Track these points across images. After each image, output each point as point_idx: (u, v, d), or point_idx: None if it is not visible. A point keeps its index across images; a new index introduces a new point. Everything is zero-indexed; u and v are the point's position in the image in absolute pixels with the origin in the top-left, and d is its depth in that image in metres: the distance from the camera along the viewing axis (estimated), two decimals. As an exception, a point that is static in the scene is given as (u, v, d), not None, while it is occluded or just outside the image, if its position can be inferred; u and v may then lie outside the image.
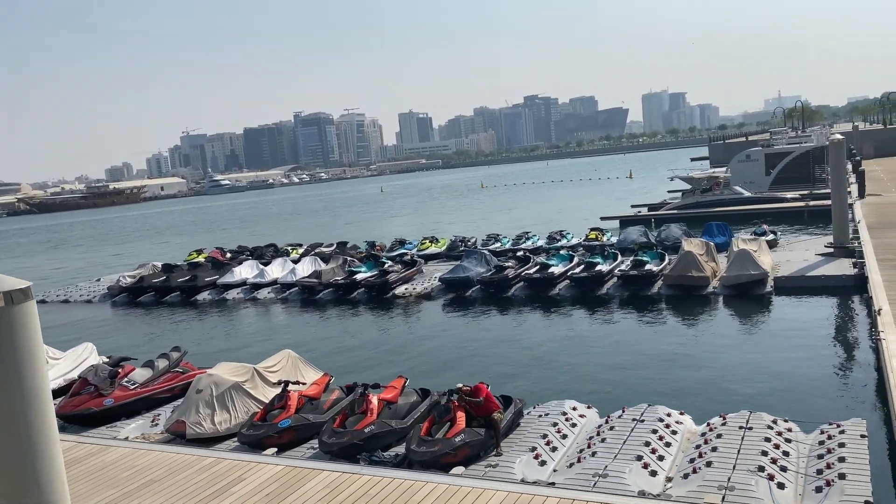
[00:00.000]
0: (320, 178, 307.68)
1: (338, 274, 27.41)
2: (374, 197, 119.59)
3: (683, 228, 28.41)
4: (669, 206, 41.67)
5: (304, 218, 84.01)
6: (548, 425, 11.10)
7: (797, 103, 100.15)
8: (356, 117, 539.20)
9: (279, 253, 35.74)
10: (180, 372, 14.87)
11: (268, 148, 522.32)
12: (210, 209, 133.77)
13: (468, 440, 10.00)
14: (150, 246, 63.32)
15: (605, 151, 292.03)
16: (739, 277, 20.13)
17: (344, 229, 59.84)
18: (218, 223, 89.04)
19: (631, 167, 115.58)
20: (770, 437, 9.81)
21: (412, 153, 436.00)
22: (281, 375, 13.22)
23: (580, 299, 21.94)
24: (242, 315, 25.48)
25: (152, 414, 13.69)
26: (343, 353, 18.81)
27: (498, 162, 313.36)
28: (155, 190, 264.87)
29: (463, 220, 58.08)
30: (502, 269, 24.04)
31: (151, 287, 29.72)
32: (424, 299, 24.54)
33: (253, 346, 20.43)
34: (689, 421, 11.16)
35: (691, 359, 15.56)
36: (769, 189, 45.17)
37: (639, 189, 71.57)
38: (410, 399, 11.89)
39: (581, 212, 53.90)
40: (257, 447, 10.99)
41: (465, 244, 32.51)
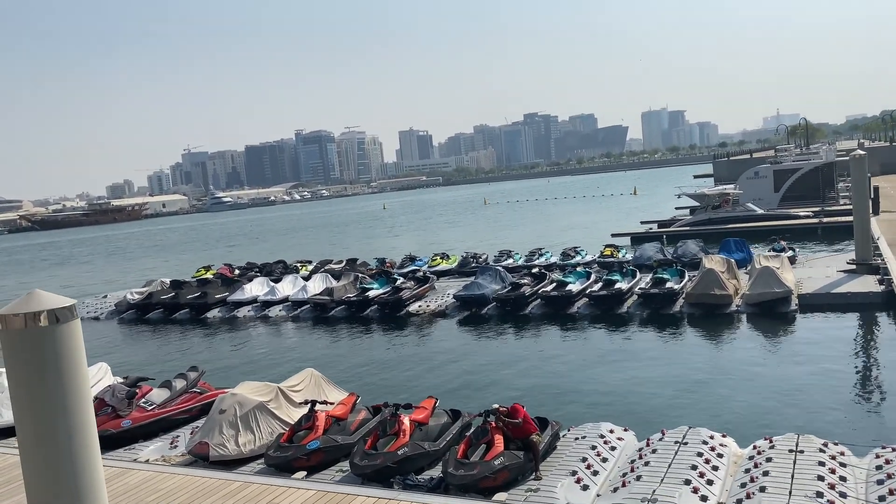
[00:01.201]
0: (321, 196, 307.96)
1: (350, 291, 27.05)
2: (376, 214, 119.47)
3: (700, 245, 28.06)
4: (681, 223, 41.36)
5: (308, 235, 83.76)
6: (586, 448, 10.70)
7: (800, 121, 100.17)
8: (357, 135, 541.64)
9: (289, 270, 35.39)
10: (198, 392, 14.46)
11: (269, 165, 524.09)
12: (213, 226, 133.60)
13: (507, 463, 9.60)
14: (155, 262, 62.97)
15: (605, 169, 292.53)
16: (764, 295, 19.77)
17: (350, 246, 59.56)
18: (222, 240, 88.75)
19: (633, 184, 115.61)
20: (824, 461, 9.41)
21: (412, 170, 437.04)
22: (305, 395, 12.82)
23: (600, 318, 21.57)
24: (254, 333, 25.08)
25: (171, 436, 13.28)
26: (360, 372, 18.42)
27: (498, 179, 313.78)
28: (157, 207, 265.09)
29: (470, 237, 57.82)
30: (518, 286, 23.68)
31: (160, 304, 29.34)
32: (439, 317, 24.16)
33: (269, 364, 20.04)
34: (733, 443, 10.75)
35: (722, 379, 15.18)
36: (778, 206, 44.89)
37: (644, 205, 71.37)
38: (441, 420, 11.49)
39: (589, 228, 53.67)
40: (285, 470, 10.58)
41: (476, 260, 32.18)
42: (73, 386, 4.83)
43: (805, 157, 53.29)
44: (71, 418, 4.82)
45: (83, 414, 4.92)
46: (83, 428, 4.93)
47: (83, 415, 4.92)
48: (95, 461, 5.07)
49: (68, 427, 4.81)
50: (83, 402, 4.94)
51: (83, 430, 4.93)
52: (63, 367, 4.77)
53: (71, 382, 4.82)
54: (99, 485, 5.09)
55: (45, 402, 4.74)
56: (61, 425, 4.78)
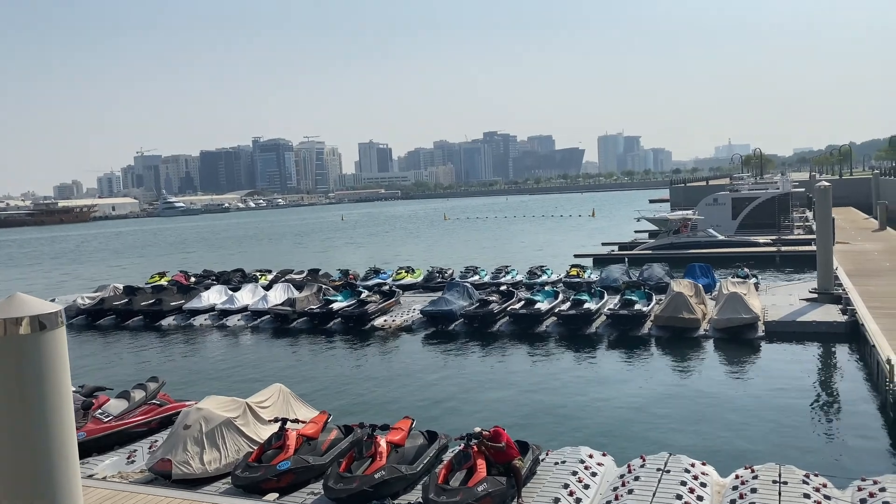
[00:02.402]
0: (277, 204, 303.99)
1: (312, 302, 26.43)
2: (335, 225, 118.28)
3: (666, 268, 28.29)
4: (644, 246, 41.78)
5: (265, 243, 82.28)
6: (567, 474, 10.43)
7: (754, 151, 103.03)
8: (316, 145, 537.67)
9: (247, 279, 34.52)
10: (158, 404, 13.77)
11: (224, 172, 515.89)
12: (166, 231, 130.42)
13: (490, 490, 9.25)
14: (105, 267, 60.94)
15: (562, 189, 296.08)
16: (732, 321, 19.90)
17: (310, 256, 58.63)
18: (176, 246, 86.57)
19: (591, 206, 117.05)
20: (808, 493, 9.31)
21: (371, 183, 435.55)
22: (273, 411, 12.29)
23: (568, 337, 21.43)
24: (212, 343, 24.24)
25: (127, 450, 12.58)
26: (326, 387, 17.86)
27: (457, 195, 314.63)
28: (106, 210, 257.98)
29: (432, 251, 57.50)
30: (486, 303, 23.43)
31: (113, 310, 28.24)
32: (404, 332, 23.73)
33: (230, 377, 19.33)
34: (714, 472, 10.61)
35: (693, 404, 15.11)
36: (735, 233, 45.77)
37: (603, 228, 72.15)
38: (418, 442, 11.09)
39: (551, 247, 53.89)
40: (254, 491, 10.05)
41: (442, 275, 31.87)
42: (55, 401, 4.37)
43: (762, 187, 54.61)
44: (52, 439, 4.36)
45: (65, 433, 4.46)
46: (64, 448, 4.48)
47: (65, 434, 4.45)
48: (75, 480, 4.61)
49: (48, 447, 4.34)
50: (65, 420, 4.48)
51: (64, 450, 4.48)
52: (46, 380, 4.31)
53: (53, 397, 4.36)
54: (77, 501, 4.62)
55: (24, 419, 4.26)
56: (41, 445, 4.32)
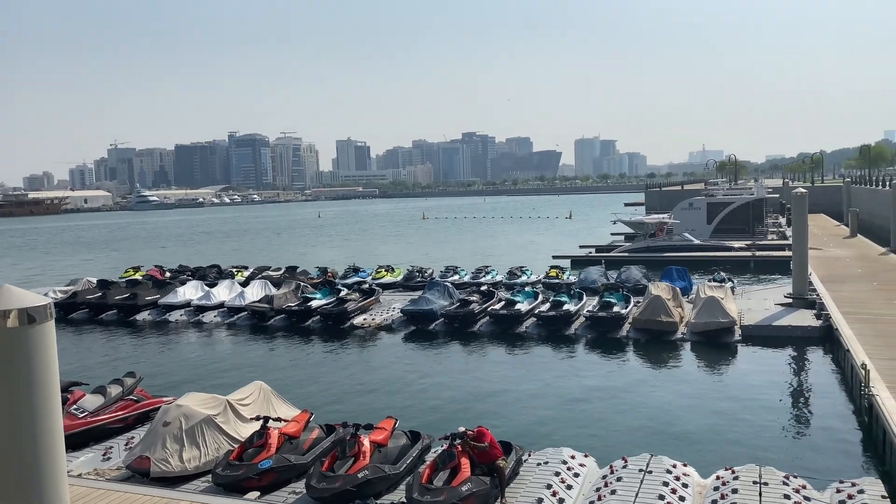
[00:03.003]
0: (253, 200, 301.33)
1: (291, 300, 26.22)
2: (311, 222, 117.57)
3: (644, 271, 28.51)
4: (621, 249, 42.09)
5: (241, 239, 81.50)
6: (549, 474, 10.45)
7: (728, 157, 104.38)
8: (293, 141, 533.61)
9: (224, 275, 34.14)
10: (135, 400, 13.56)
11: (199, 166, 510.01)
12: (140, 225, 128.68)
13: (475, 489, 9.23)
14: (77, 260, 59.96)
15: (539, 191, 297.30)
16: (709, 324, 20.11)
17: (287, 253, 58.20)
18: (150, 240, 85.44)
19: (568, 208, 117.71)
20: (789, 494, 9.42)
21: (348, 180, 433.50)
22: (254, 409, 12.15)
23: (547, 338, 21.50)
24: (188, 339, 23.94)
25: (103, 446, 12.37)
26: (305, 386, 17.71)
27: (435, 195, 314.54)
28: (78, 202, 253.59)
29: (410, 250, 57.38)
30: (467, 303, 23.42)
31: (86, 303, 27.77)
32: (384, 330, 23.63)
33: (207, 373, 19.10)
34: (695, 473, 10.69)
35: (671, 405, 15.24)
36: (710, 237, 46.30)
37: (580, 230, 72.56)
38: (401, 441, 11.03)
39: (529, 248, 54.06)
40: (235, 490, 9.92)
41: (422, 274, 31.81)
42: (43, 396, 4.25)
43: (736, 192, 55.33)
44: (40, 434, 4.23)
45: (52, 429, 4.33)
46: (51, 444, 4.36)
47: (52, 430, 4.33)
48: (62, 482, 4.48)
49: (36, 442, 4.22)
50: (53, 415, 4.35)
51: (51, 446, 4.35)
52: (34, 374, 4.18)
53: (42, 392, 4.24)
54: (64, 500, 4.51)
55: (10, 416, 4.13)
56: (28, 440, 4.20)
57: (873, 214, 52.26)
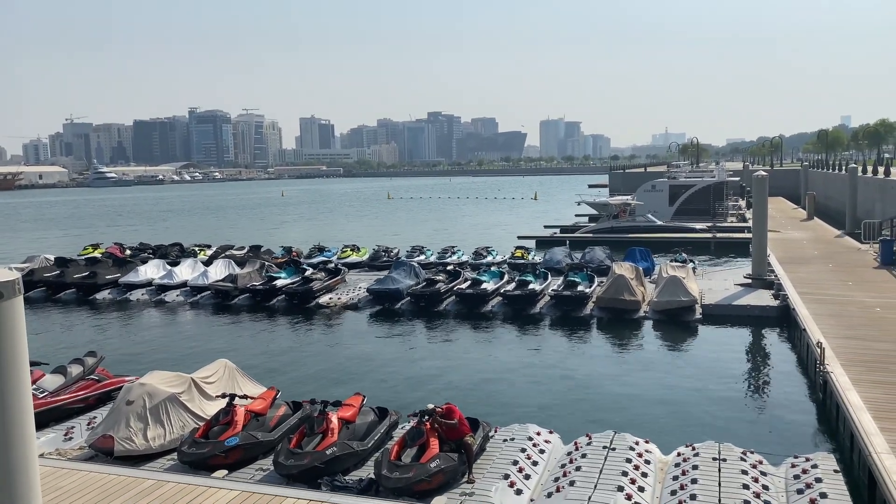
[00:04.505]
0: (214, 178, 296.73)
1: (255, 279, 25.97)
2: (274, 200, 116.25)
3: (607, 251, 28.86)
4: (585, 230, 42.53)
5: (202, 217, 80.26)
6: (516, 451, 10.59)
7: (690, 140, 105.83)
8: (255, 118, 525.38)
9: (186, 253, 33.63)
10: (96, 380, 13.35)
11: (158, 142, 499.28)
12: (97, 202, 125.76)
13: (443, 466, 9.32)
14: (33, 237, 58.43)
15: (504, 172, 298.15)
16: (671, 303, 20.49)
17: (251, 232, 57.51)
18: (107, 218, 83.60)
19: (533, 189, 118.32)
20: (746, 469, 9.71)
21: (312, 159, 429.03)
22: (219, 387, 12.06)
23: (512, 317, 21.70)
24: (150, 318, 23.58)
25: (64, 426, 12.17)
26: (268, 365, 17.60)
27: (400, 174, 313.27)
28: (32, 178, 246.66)
29: (375, 230, 57.14)
30: (433, 282, 23.47)
31: (43, 281, 27.15)
32: (350, 310, 23.58)
33: (170, 352, 18.86)
34: (657, 450, 10.94)
35: (631, 382, 15.54)
36: (671, 219, 47.01)
37: (544, 211, 73.06)
38: (368, 418, 11.06)
39: (494, 229, 54.27)
40: (201, 468, 9.85)
41: (388, 254, 31.74)
42: (12, 373, 4.17)
43: (698, 175, 56.17)
44: (9, 412, 4.16)
45: (22, 407, 4.27)
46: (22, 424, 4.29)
47: (22, 408, 4.26)
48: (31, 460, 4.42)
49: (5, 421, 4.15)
50: (23, 394, 4.28)
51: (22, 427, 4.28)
52: (3, 351, 4.10)
53: (11, 369, 4.16)
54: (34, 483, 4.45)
55: (-24, 392, 4.04)
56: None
57: (829, 198, 53.61)
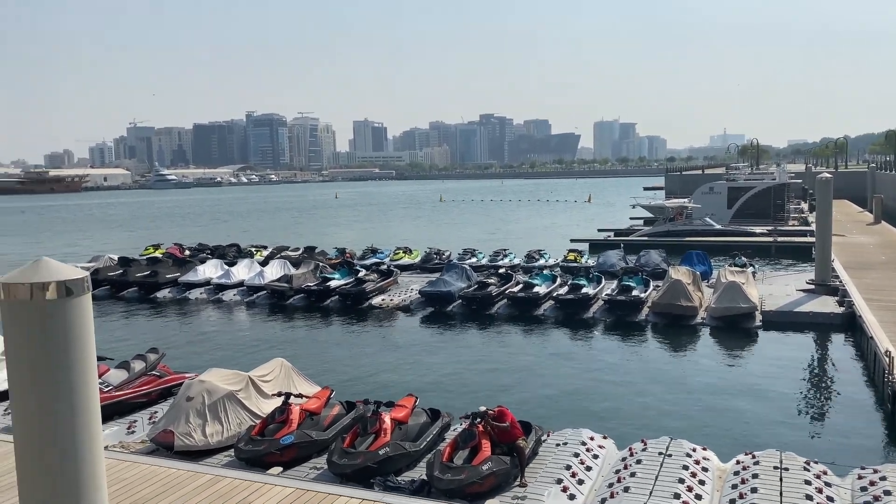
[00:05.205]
0: (270, 180, 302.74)
1: (309, 279, 26.36)
2: (328, 202, 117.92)
3: (663, 255, 28.35)
4: (641, 233, 41.87)
5: (259, 219, 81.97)
6: (569, 455, 10.48)
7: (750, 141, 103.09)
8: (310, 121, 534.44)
9: (243, 254, 34.38)
10: (158, 375, 13.74)
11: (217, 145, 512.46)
12: (158, 204, 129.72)
13: (495, 469, 9.28)
14: (98, 237, 60.61)
15: (557, 174, 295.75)
16: (729, 310, 19.98)
17: (305, 233, 58.45)
18: (169, 218, 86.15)
19: (586, 191, 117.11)
20: (809, 479, 9.39)
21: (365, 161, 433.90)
22: (275, 386, 12.28)
23: (565, 321, 21.48)
24: (208, 316, 24.18)
25: (127, 420, 12.58)
26: (321, 364, 17.82)
27: (452, 177, 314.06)
28: (98, 180, 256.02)
29: (428, 232, 57.39)
30: (485, 285, 23.42)
31: (107, 280, 28.11)
32: (402, 311, 23.72)
33: (227, 350, 19.30)
34: (715, 457, 10.68)
35: (690, 391, 15.20)
36: (730, 222, 45.90)
37: (598, 214, 72.21)
38: (421, 419, 11.10)
39: (547, 232, 53.90)
40: (257, 464, 10.04)
41: (439, 257, 31.85)
42: (80, 368, 4.32)
43: (758, 177, 54.71)
44: (77, 405, 4.31)
45: (89, 400, 4.41)
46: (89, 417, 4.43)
47: (89, 403, 4.40)
48: (97, 451, 4.56)
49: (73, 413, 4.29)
50: (90, 387, 4.42)
51: (89, 419, 4.42)
52: (72, 346, 4.24)
53: (79, 364, 4.31)
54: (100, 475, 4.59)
55: (48, 384, 4.21)
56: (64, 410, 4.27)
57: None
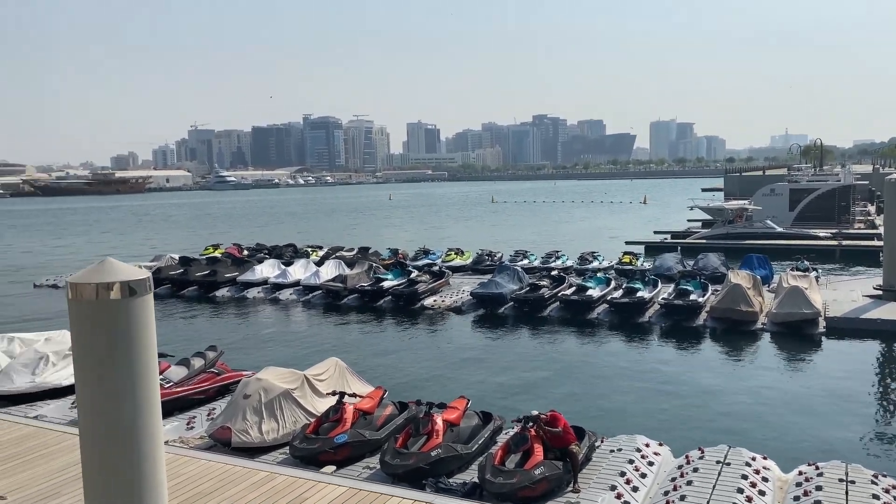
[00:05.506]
0: (326, 182, 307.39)
1: (363, 280, 26.63)
2: (382, 204, 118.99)
3: (722, 258, 27.66)
4: (698, 235, 40.98)
5: (314, 219, 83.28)
6: (623, 462, 10.31)
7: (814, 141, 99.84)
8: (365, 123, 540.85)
9: (299, 254, 34.97)
10: (216, 373, 14.07)
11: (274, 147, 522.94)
12: (217, 204, 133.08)
13: (547, 473, 9.19)
14: (159, 237, 62.50)
15: (611, 175, 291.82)
16: (791, 315, 19.37)
17: (359, 234, 59.12)
18: (228, 219, 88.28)
19: (641, 193, 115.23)
20: (878, 493, 9.02)
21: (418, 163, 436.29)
22: (329, 385, 12.42)
23: (620, 326, 21.16)
24: (265, 315, 24.66)
25: (187, 416, 12.89)
26: (374, 364, 17.98)
27: (504, 178, 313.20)
28: (160, 181, 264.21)
29: (479, 234, 57.36)
30: (537, 287, 23.26)
31: (169, 279, 28.94)
32: (454, 313, 23.74)
33: (283, 349, 19.64)
34: (776, 467, 10.36)
35: (749, 397, 14.77)
36: (792, 224, 44.52)
37: (654, 215, 70.97)
38: (472, 422, 11.08)
39: (601, 234, 53.24)
40: (311, 463, 10.17)
41: (491, 258, 31.79)
42: (143, 366, 4.45)
43: (821, 178, 52.93)
44: (140, 401, 4.44)
45: (151, 397, 4.54)
46: (148, 408, 4.58)
47: (151, 399, 4.53)
48: (158, 446, 4.69)
49: (136, 409, 4.43)
50: (152, 384, 4.55)
51: (150, 415, 4.55)
52: (135, 344, 4.38)
53: (141, 361, 4.44)
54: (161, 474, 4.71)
55: (112, 381, 4.35)
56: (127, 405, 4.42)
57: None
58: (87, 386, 4.52)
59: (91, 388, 4.49)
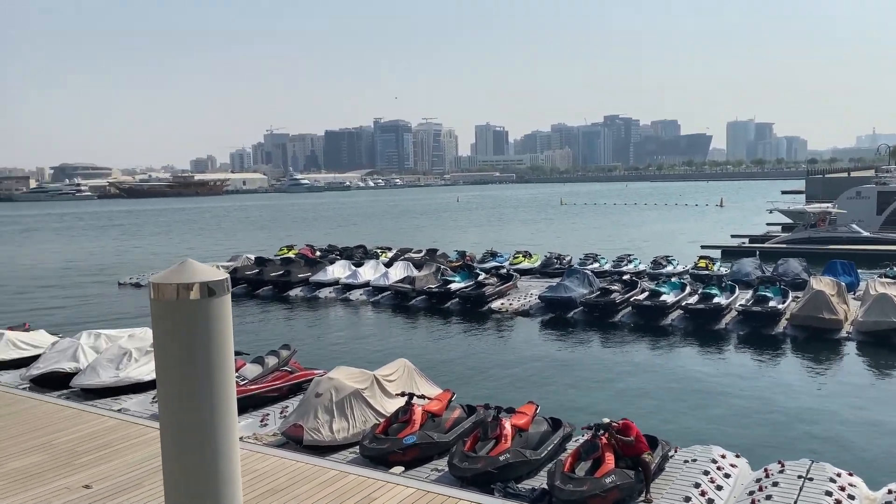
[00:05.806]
0: (395, 184, 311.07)
1: (431, 281, 26.76)
2: (450, 206, 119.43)
3: (804, 264, 26.53)
4: (778, 240, 39.48)
5: (384, 221, 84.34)
6: (698, 473, 9.98)
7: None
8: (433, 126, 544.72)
9: (369, 255, 35.44)
10: (289, 371, 14.36)
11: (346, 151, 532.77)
12: (291, 206, 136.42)
13: (619, 482, 8.98)
14: (235, 238, 64.49)
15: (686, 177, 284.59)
16: (879, 324, 18.40)
17: (427, 236, 59.49)
18: (302, 221, 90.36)
19: (717, 195, 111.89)
20: (977, 517, 8.46)
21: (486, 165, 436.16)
22: (398, 385, 12.51)
23: (694, 332, 20.56)
24: (336, 315, 25.10)
25: (260, 413, 13.21)
26: (441, 366, 18.01)
27: (574, 180, 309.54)
28: (237, 184, 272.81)
29: (547, 236, 56.86)
30: (608, 292, 22.85)
31: (245, 279, 29.78)
32: (521, 316, 23.57)
33: (353, 348, 19.94)
34: (863, 484, 9.83)
35: (834, 410, 14.09)
36: (879, 229, 42.34)
37: (732, 219, 68.76)
38: (541, 428, 10.93)
39: (674, 237, 51.96)
40: (380, 463, 10.25)
41: (560, 261, 31.42)
42: (220, 365, 4.55)
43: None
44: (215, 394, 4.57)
45: (228, 395, 4.64)
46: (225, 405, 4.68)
47: (227, 397, 4.64)
48: (234, 442, 4.79)
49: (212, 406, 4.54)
50: (228, 383, 4.65)
51: (226, 413, 4.66)
52: (213, 344, 4.48)
53: (219, 362, 4.54)
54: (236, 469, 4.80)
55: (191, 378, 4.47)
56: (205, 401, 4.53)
57: None
58: (167, 382, 4.64)
59: (170, 385, 4.61)
